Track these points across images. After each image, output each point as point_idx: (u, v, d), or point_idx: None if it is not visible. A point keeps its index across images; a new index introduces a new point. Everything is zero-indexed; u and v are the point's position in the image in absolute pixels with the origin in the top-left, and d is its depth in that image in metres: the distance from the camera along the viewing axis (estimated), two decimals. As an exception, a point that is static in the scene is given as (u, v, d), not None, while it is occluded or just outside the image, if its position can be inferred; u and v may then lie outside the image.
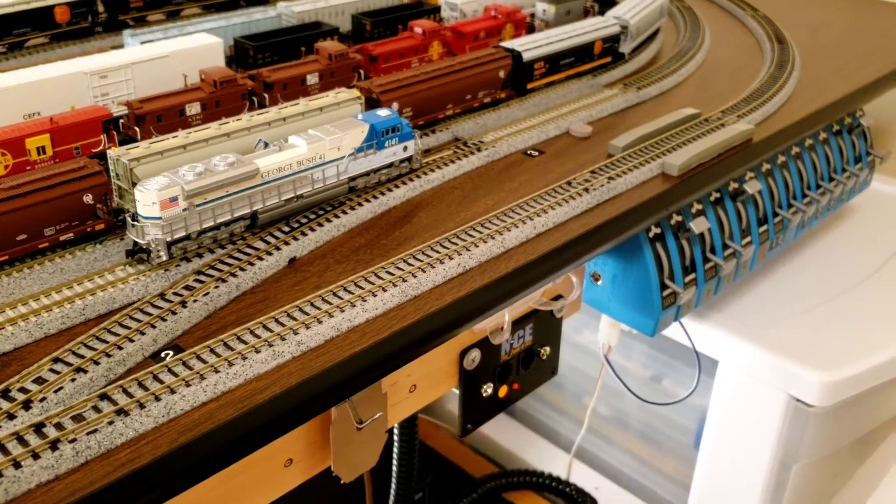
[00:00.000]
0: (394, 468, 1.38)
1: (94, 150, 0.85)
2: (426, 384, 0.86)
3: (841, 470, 1.36)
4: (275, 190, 0.77)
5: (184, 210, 0.71)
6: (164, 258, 0.72)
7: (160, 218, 0.70)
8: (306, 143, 0.79)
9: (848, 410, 1.18)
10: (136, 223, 0.71)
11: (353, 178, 0.85)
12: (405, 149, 0.88)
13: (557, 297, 0.99)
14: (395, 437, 1.36)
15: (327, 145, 0.81)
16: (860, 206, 1.56)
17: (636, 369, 1.42)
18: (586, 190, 0.89)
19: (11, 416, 0.55)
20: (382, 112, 0.87)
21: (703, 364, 1.23)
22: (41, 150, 0.81)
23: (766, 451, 1.19)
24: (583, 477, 1.55)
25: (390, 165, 0.88)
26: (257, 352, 0.62)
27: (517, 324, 0.95)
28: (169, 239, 0.71)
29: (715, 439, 1.26)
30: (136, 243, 0.72)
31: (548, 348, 1.01)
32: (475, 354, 0.90)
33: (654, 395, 1.40)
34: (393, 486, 1.41)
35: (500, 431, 1.67)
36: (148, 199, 0.70)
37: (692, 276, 1.04)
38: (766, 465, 1.20)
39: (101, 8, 1.26)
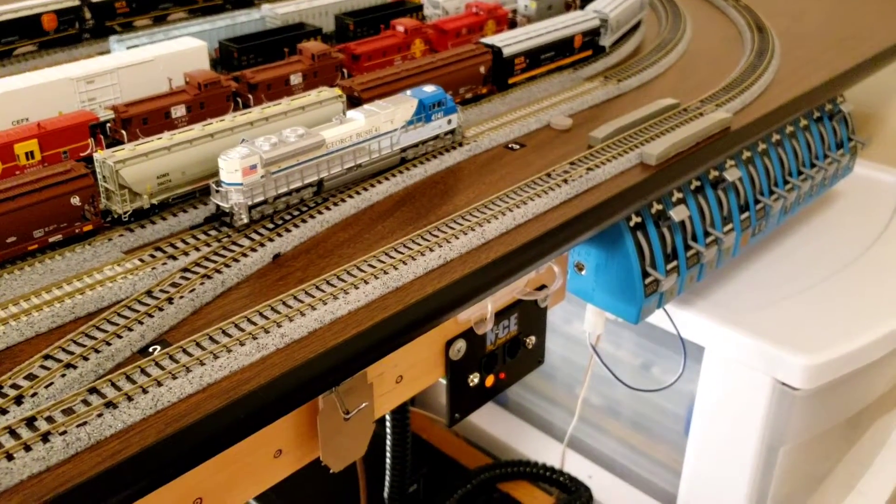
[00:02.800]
0: (387, 461, 1.40)
1: (81, 154, 0.86)
2: (412, 375, 0.88)
3: (830, 452, 1.38)
4: (338, 159, 0.85)
5: (261, 177, 0.78)
6: (245, 220, 0.78)
7: (242, 184, 0.77)
8: (364, 116, 0.87)
9: (832, 393, 1.20)
10: (219, 189, 0.77)
11: (404, 149, 0.92)
12: (449, 122, 0.96)
13: (541, 287, 1.01)
14: (388, 430, 1.38)
15: (382, 118, 0.88)
16: (844, 191, 1.58)
17: (626, 357, 1.44)
18: (565, 181, 0.91)
19: (4, 412, 0.57)
20: (428, 88, 0.94)
21: (691, 350, 1.25)
22: (30, 155, 0.82)
23: (754, 435, 1.21)
24: (576, 466, 1.56)
25: (436, 137, 0.95)
26: (242, 345, 0.63)
27: (502, 314, 0.97)
28: (250, 203, 0.78)
29: (703, 424, 1.28)
30: (218, 207, 0.79)
31: (533, 338, 1.03)
32: (461, 345, 0.92)
33: (644, 383, 1.41)
34: (387, 478, 1.43)
35: (493, 423, 1.69)
36: (231, 167, 0.76)
37: (674, 263, 1.06)
38: (753, 448, 1.22)
39: (88, 15, 1.28)
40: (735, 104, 1.14)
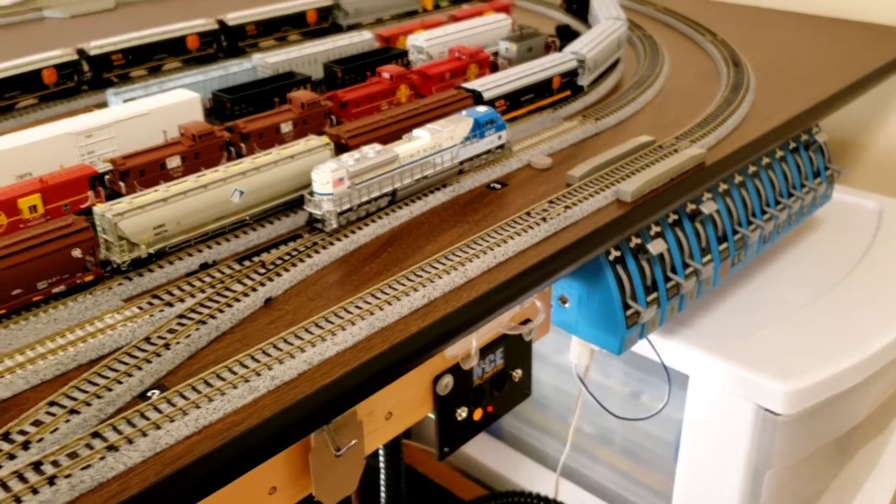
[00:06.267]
0: (382, 494, 1.43)
1: (82, 206, 0.91)
2: (401, 411, 0.91)
3: (818, 475, 1.41)
4: (409, 171, 0.97)
5: (348, 187, 0.91)
6: (335, 226, 0.91)
7: (332, 194, 0.89)
8: (429, 134, 0.99)
9: (815, 417, 1.23)
10: (312, 198, 0.91)
11: (462, 162, 1.04)
12: (499, 137, 1.08)
13: (526, 321, 1.04)
14: (382, 463, 1.40)
15: (444, 135, 1.00)
16: (825, 217, 1.63)
17: (615, 386, 1.47)
18: (544, 219, 0.95)
19: (12, 457, 0.60)
20: (481, 108, 1.07)
21: (677, 378, 1.29)
22: (33, 208, 0.87)
23: (739, 460, 1.24)
24: (570, 495, 1.59)
25: (488, 151, 1.07)
26: (234, 388, 0.67)
27: (488, 349, 1.00)
28: (339, 210, 0.91)
29: (691, 451, 1.31)
30: (311, 215, 0.92)
31: (520, 371, 1.06)
32: (448, 380, 0.96)
33: (633, 411, 1.44)
34: (384, 511, 1.45)
35: (487, 453, 1.72)
36: (323, 179, 0.89)
37: (654, 295, 1.10)
38: (739, 472, 1.25)
39: (86, 67, 1.33)
40: (709, 140, 1.19)
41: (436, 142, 1.00)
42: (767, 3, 2.07)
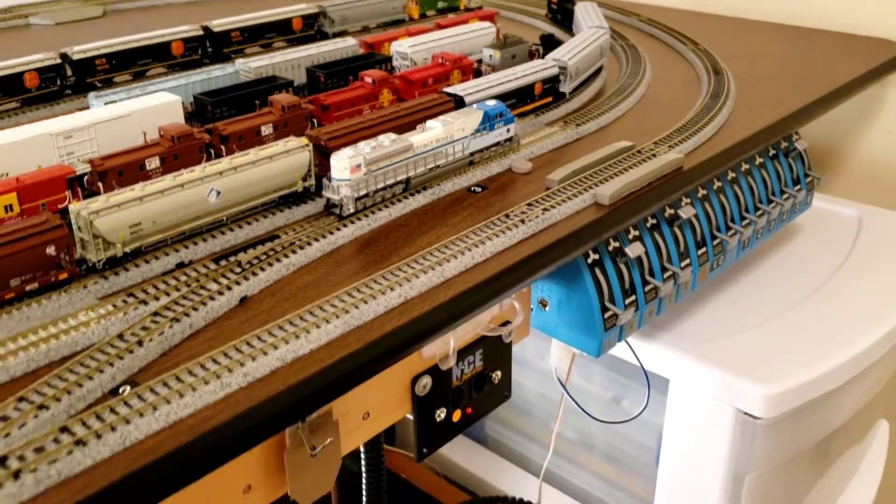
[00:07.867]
0: (364, 499, 1.42)
1: (59, 206, 0.91)
2: (379, 411, 0.91)
3: (798, 480, 1.41)
4: (422, 160, 1.01)
5: (364, 174, 0.94)
6: (352, 210, 0.95)
7: (349, 179, 0.93)
8: (441, 125, 1.04)
9: (794, 421, 1.24)
10: (330, 183, 0.94)
11: (472, 153, 1.08)
12: (508, 130, 1.12)
13: (506, 324, 1.05)
14: (363, 468, 1.40)
15: (456, 127, 1.05)
16: (805, 224, 1.64)
17: (597, 391, 1.47)
18: (522, 221, 0.96)
19: (-22, 452, 0.60)
20: (491, 102, 1.11)
21: (658, 382, 1.29)
22: (9, 208, 0.87)
23: (719, 464, 1.24)
24: (553, 500, 1.59)
25: (498, 144, 1.11)
26: (206, 383, 0.67)
27: (467, 350, 1.00)
28: (356, 196, 0.94)
29: (671, 455, 1.31)
30: (329, 200, 0.96)
31: (499, 373, 1.06)
32: (426, 381, 0.96)
33: (615, 416, 1.45)
34: (365, 516, 1.45)
35: (471, 460, 1.71)
36: (341, 165, 0.93)
37: (632, 298, 1.11)
38: (719, 477, 1.25)
39: (69, 72, 1.33)
40: (688, 145, 1.20)
41: (447, 133, 1.03)
42: (749, 14, 2.09)
